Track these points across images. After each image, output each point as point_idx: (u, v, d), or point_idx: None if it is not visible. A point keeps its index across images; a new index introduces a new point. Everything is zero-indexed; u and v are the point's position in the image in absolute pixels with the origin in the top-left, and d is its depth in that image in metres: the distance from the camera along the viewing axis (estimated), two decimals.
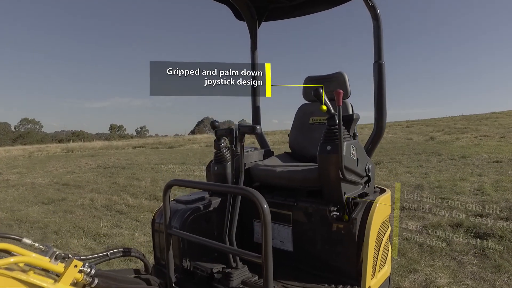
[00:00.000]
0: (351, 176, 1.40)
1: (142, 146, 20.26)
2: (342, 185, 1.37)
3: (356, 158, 1.43)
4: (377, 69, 1.60)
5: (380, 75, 1.60)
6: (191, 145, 18.81)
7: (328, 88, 1.89)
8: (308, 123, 1.95)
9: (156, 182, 6.77)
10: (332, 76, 1.91)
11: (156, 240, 1.60)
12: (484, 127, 14.82)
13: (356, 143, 1.47)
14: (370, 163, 1.55)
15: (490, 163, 6.91)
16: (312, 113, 1.96)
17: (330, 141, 1.38)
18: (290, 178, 1.54)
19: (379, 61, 1.59)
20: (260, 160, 1.82)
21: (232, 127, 1.51)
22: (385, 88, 1.62)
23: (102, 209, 4.60)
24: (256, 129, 1.41)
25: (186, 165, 9.63)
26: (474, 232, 3.20)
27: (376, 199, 1.44)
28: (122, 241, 3.21)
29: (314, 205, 1.48)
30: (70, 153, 16.64)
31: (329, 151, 1.36)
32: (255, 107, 2.15)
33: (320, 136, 1.86)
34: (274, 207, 1.58)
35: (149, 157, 12.75)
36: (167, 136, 59.99)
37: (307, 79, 2.03)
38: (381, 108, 1.61)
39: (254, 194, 1.02)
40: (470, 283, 2.33)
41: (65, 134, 60.07)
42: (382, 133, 1.63)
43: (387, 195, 1.56)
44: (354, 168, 1.42)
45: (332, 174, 1.36)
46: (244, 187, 1.09)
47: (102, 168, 9.57)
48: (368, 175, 1.52)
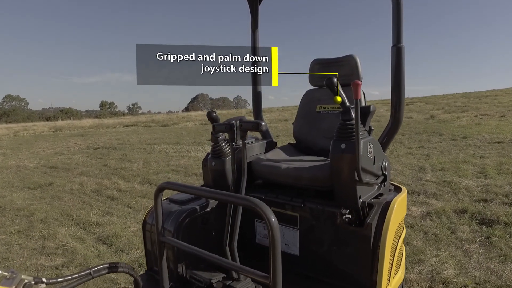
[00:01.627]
0: (367, 177, 1.26)
1: (134, 124, 19.93)
2: (358, 188, 1.23)
3: (372, 157, 1.29)
4: (396, 53, 1.42)
5: (398, 60, 1.42)
6: (185, 123, 18.54)
7: (339, 72, 1.71)
8: (314, 112, 1.78)
9: (149, 164, 6.63)
10: (343, 59, 1.73)
11: (148, 244, 1.46)
12: (484, 105, 14.87)
13: (372, 140, 1.31)
14: (386, 160, 1.40)
15: (492, 143, 6.91)
16: (319, 100, 1.78)
17: (344, 138, 1.23)
18: (297, 177, 1.39)
19: (398, 45, 1.41)
20: (262, 153, 1.66)
21: (232, 121, 1.33)
22: (403, 75, 1.45)
23: (92, 194, 4.46)
24: (261, 126, 1.23)
25: (180, 145, 9.47)
26: (479, 218, 3.16)
27: (393, 201, 1.31)
28: (113, 230, 3.10)
29: (324, 207, 1.35)
30: (58, 132, 16.29)
31: (343, 150, 1.21)
32: (257, 98, 1.95)
33: (328, 126, 1.70)
34: (279, 207, 1.44)
35: (142, 136, 12.53)
36: (160, 113, 59.22)
37: (313, 62, 1.83)
38: (398, 97, 1.44)
39: (260, 206, 0.87)
40: (477, 274, 2.29)
41: (53, 111, 58.78)
42: (399, 125, 1.47)
43: (403, 195, 1.42)
44: (370, 168, 1.28)
45: (347, 176, 1.22)
46: (247, 197, 0.93)
47: (92, 149, 9.35)
48: (384, 173, 1.37)
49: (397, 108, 1.45)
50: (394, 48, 1.43)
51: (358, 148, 1.15)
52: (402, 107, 1.45)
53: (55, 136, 14.12)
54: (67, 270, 2.40)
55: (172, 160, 6.95)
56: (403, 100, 1.44)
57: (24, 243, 2.89)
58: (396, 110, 1.45)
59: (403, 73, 1.44)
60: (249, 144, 1.59)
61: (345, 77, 1.67)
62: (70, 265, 2.49)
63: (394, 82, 1.44)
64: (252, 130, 1.27)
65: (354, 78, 1.69)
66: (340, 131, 1.25)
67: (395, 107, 1.45)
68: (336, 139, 1.25)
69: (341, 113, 1.25)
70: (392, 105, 1.46)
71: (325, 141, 1.66)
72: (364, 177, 1.21)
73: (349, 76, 1.69)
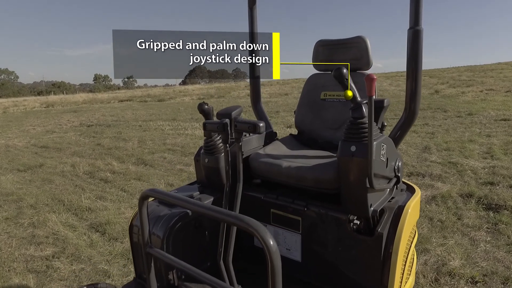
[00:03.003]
0: (379, 182, 1.11)
1: (129, 99, 19.52)
2: (369, 196, 1.09)
3: (385, 159, 1.14)
4: (413, 36, 1.24)
5: (416, 45, 1.24)
6: (182, 98, 18.17)
7: (345, 56, 1.54)
8: (319, 99, 1.61)
9: (144, 142, 6.48)
10: (351, 41, 1.54)
11: (136, 250, 1.34)
12: (490, 79, 14.65)
13: (386, 140, 1.16)
14: (399, 159, 1.25)
15: (498, 121, 6.80)
16: (324, 86, 1.60)
17: (355, 139, 1.08)
18: (300, 177, 1.24)
19: (416, 27, 1.23)
20: (260, 147, 1.50)
21: (225, 121, 1.15)
22: (421, 62, 1.27)
23: (85, 176, 4.35)
24: (258, 128, 1.06)
25: (177, 122, 9.27)
26: (486, 203, 3.08)
27: (406, 205, 1.18)
28: (106, 217, 3.01)
29: (329, 212, 1.22)
30: (50, 108, 15.95)
31: (353, 154, 1.06)
32: (255, 90, 1.75)
33: (333, 116, 1.53)
34: (280, 210, 1.31)
35: (137, 112, 12.27)
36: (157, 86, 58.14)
37: (318, 44, 1.64)
38: (415, 86, 1.26)
39: (256, 229, 0.73)
40: (484, 264, 2.23)
41: (44, 85, 57.53)
42: (415, 118, 1.31)
43: (417, 197, 1.30)
44: (383, 172, 1.13)
45: (357, 183, 1.08)
46: (242, 216, 0.79)
47: (85, 126, 9.15)
48: (397, 175, 1.23)
49: (412, 98, 1.28)
50: (412, 31, 1.24)
51: (371, 152, 1.00)
52: (418, 97, 1.28)
53: (47, 113, 13.83)
54: (58, 262, 2.32)
55: (168, 138, 6.80)
56: (419, 90, 1.27)
57: (13, 231, 2.81)
58: (411, 101, 1.28)
59: (420, 59, 1.26)
60: (246, 137, 1.43)
61: (353, 61, 1.51)
62: (61, 255, 2.41)
63: (410, 69, 1.27)
64: (248, 131, 1.10)
65: (363, 63, 1.51)
66: (349, 130, 1.09)
67: (410, 97, 1.28)
68: (345, 140, 1.10)
69: (352, 110, 1.08)
70: (406, 95, 1.29)
71: (330, 133, 1.51)
72: (376, 184, 1.07)
73: (358, 61, 1.52)
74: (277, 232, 1.36)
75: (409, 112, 1.29)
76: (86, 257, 2.40)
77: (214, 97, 17.40)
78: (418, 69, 1.25)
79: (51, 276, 2.17)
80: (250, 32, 1.67)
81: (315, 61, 1.62)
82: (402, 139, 1.34)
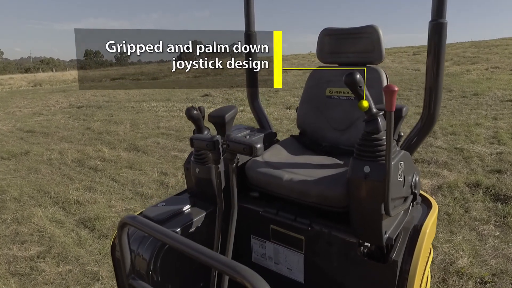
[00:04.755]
0: (395, 205, 0.97)
1: (121, 77, 18.89)
2: (384, 223, 0.95)
3: (403, 178, 0.99)
4: (435, 30, 1.08)
5: (439, 39, 1.08)
6: (177, 76, 17.67)
7: (354, 48, 1.38)
8: (323, 96, 1.44)
9: (137, 126, 6.28)
10: (361, 31, 1.37)
11: (120, 275, 1.21)
12: (495, 56, 14.41)
13: (404, 156, 1.00)
14: (416, 173, 1.10)
15: (504, 102, 6.68)
16: (330, 81, 1.43)
17: (369, 158, 0.93)
18: (303, 193, 1.10)
19: (440, 20, 1.07)
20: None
21: (216, 138, 0.98)
22: (443, 58, 1.10)
23: (74, 165, 4.20)
24: (256, 150, 0.88)
25: (172, 102, 9.03)
26: (494, 194, 2.99)
27: (424, 226, 1.05)
28: (96, 211, 2.89)
29: (337, 233, 1.08)
30: (38, 88, 15.49)
31: (367, 175, 0.92)
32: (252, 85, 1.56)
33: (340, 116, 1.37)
34: (280, 227, 1.17)
35: (130, 92, 11.92)
36: (151, 62, 56.68)
37: (323, 33, 1.45)
38: (435, 86, 1.10)
39: (252, 281, 0.59)
40: (493, 262, 2.15)
41: (32, 61, 55.85)
42: (434, 123, 1.15)
43: (434, 213, 1.16)
44: (399, 193, 0.99)
45: (370, 209, 0.94)
46: (235, 264, 0.64)
47: (75, 108, 8.88)
48: (414, 192, 1.08)
49: (432, 100, 1.11)
50: (434, 24, 1.08)
51: (389, 176, 0.85)
52: (439, 99, 1.11)
53: (34, 92, 13.43)
54: (43, 263, 2.22)
55: (162, 121, 6.60)
56: (440, 91, 1.10)
57: None
58: (430, 103, 1.11)
59: (443, 56, 1.10)
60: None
61: (363, 54, 1.36)
62: (47, 255, 2.30)
63: (430, 66, 1.10)
64: (243, 154, 0.93)
65: (375, 57, 1.34)
66: (363, 147, 0.93)
67: (430, 98, 1.11)
68: (356, 158, 0.94)
69: (366, 123, 0.92)
70: (425, 95, 1.12)
71: (336, 134, 1.36)
72: (392, 210, 0.92)
73: (369, 53, 1.35)
74: (277, 250, 1.23)
75: (428, 116, 1.13)
76: (73, 257, 2.29)
77: (210, 75, 16.91)
78: (439, 67, 1.09)
79: (35, 280, 2.07)
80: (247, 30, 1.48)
81: (320, 52, 1.45)
82: (418, 146, 1.19)
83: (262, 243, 1.25)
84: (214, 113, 1.17)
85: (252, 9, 1.46)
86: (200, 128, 1.16)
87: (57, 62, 55.14)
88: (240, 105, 7.98)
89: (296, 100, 8.10)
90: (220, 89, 10.91)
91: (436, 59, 1.08)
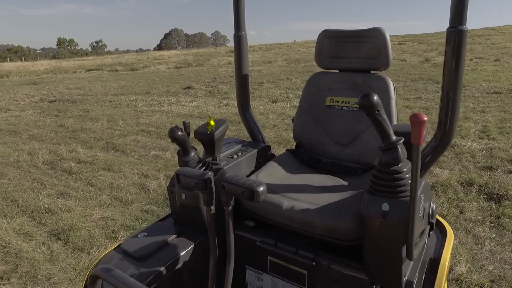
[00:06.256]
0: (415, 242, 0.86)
1: (98, 68, 18.25)
2: (404, 266, 0.84)
3: (423, 212, 0.88)
4: (454, 38, 0.98)
5: (458, 48, 0.99)
6: (157, 67, 17.15)
7: (358, 53, 1.27)
8: (323, 106, 1.33)
9: (115, 122, 6.00)
10: (366, 34, 1.27)
11: None
12: (478, 46, 14.84)
13: (425, 186, 0.90)
14: (432, 200, 1.00)
15: (490, 94, 6.85)
16: (330, 89, 1.31)
17: (387, 193, 0.81)
18: (306, 223, 0.97)
19: (459, 27, 0.97)
20: (252, 169, 1.20)
21: (208, 175, 0.83)
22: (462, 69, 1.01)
23: (45, 167, 3.93)
24: (258, 195, 0.75)
25: (152, 96, 8.72)
26: (487, 193, 3.00)
27: (442, 260, 0.96)
28: (70, 220, 2.69)
29: (347, 270, 0.97)
30: (5, 79, 14.61)
31: (386, 214, 0.80)
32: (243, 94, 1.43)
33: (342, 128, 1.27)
34: (280, 259, 1.05)
35: (107, 84, 11.47)
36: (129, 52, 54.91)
37: (323, 35, 1.34)
38: (453, 98, 1.00)
39: None
40: (491, 267, 2.13)
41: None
42: (450, 141, 1.05)
43: (451, 242, 1.08)
44: (420, 230, 0.89)
45: (389, 251, 0.83)
46: None
47: (46, 102, 8.42)
48: (431, 221, 0.99)
49: (448, 114, 1.01)
50: (454, 31, 0.98)
51: (413, 216, 0.73)
52: (456, 114, 1.01)
53: (1, 85, 12.68)
54: (8, 285, 2.02)
55: (142, 117, 6.35)
56: (458, 105, 1.00)
57: None
58: (446, 119, 1.01)
59: (462, 66, 1.00)
60: (232, 160, 1.12)
61: (368, 60, 1.26)
62: (12, 275, 2.11)
63: (447, 77, 1.01)
64: (241, 198, 0.79)
65: (381, 63, 1.23)
66: (379, 180, 0.82)
67: (445, 113, 1.01)
68: (372, 192, 0.82)
69: (383, 152, 0.80)
70: (441, 110, 1.02)
71: (337, 149, 1.24)
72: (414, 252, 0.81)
73: (375, 59, 1.25)
74: (276, 283, 1.11)
75: (444, 134, 1.02)
76: (44, 276, 2.11)
77: (192, 65, 16.57)
78: (458, 79, 0.99)
79: None
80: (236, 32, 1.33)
81: (318, 56, 1.32)
82: (430, 167, 1.09)
83: (259, 275, 1.13)
84: (202, 130, 1.03)
85: (242, 7, 1.31)
86: (186, 150, 1.01)
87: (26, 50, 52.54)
88: (224, 98, 7.78)
89: (282, 92, 7.98)
90: (202, 81, 10.64)
91: (454, 70, 0.98)
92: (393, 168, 0.81)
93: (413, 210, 0.75)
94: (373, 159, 1.24)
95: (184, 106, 7.14)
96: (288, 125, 5.30)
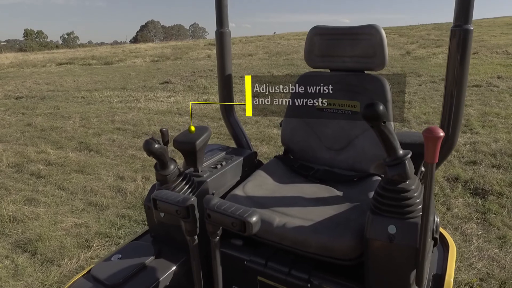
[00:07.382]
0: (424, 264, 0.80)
1: (69, 62, 17.49)
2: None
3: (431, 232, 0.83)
4: (459, 37, 0.95)
5: (463, 48, 0.95)
6: (133, 60, 16.63)
7: (352, 51, 1.21)
8: (314, 109, 1.25)
9: (88, 120, 5.73)
10: (360, 31, 1.21)
11: None
12: None
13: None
14: (436, 214, 0.95)
15: (470, 87, 7.03)
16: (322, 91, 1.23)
17: (393, 214, 0.75)
18: (300, 242, 0.90)
19: (464, 26, 0.94)
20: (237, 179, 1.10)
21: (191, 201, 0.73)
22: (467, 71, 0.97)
23: (10, 171, 3.67)
24: (251, 227, 0.65)
25: (127, 91, 8.42)
26: (472, 188, 3.05)
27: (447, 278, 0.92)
28: (38, 229, 2.51)
29: None
30: None
31: (393, 237, 0.74)
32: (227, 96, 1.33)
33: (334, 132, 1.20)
34: (270, 279, 0.96)
35: (79, 79, 10.99)
36: (103, 44, 52.89)
37: (313, 32, 1.27)
38: (457, 102, 0.96)
39: None
40: (480, 265, 2.15)
41: None
42: (452, 148, 1.02)
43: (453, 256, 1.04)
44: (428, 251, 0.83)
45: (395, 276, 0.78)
46: None
47: (12, 99, 7.95)
48: (435, 236, 0.93)
49: (451, 120, 0.96)
50: (457, 30, 0.95)
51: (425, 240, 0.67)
52: (460, 119, 0.96)
53: None
54: None
55: (117, 114, 6.09)
56: (461, 109, 0.95)
57: None
58: (449, 123, 0.97)
59: (466, 67, 0.96)
60: (216, 170, 1.02)
61: (361, 59, 1.21)
62: None
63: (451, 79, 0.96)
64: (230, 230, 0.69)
65: (376, 62, 1.17)
66: (384, 199, 0.75)
67: (448, 117, 0.97)
68: (375, 212, 0.75)
69: (388, 167, 0.73)
70: (444, 113, 0.97)
71: (330, 155, 1.17)
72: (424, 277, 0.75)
73: (369, 59, 1.20)
74: None
75: (447, 140, 0.97)
76: None
77: (170, 59, 16.17)
78: (462, 81, 0.95)
79: None
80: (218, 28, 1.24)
81: (308, 55, 1.25)
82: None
83: None
84: (182, 138, 0.92)
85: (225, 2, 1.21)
86: (164, 163, 0.90)
87: None
88: (203, 94, 7.61)
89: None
90: (181, 75, 10.37)
91: (458, 71, 0.94)
92: (400, 186, 0.74)
93: (425, 235, 0.69)
94: (368, 166, 1.18)
95: (162, 102, 6.92)
96: (270, 121, 5.22)
